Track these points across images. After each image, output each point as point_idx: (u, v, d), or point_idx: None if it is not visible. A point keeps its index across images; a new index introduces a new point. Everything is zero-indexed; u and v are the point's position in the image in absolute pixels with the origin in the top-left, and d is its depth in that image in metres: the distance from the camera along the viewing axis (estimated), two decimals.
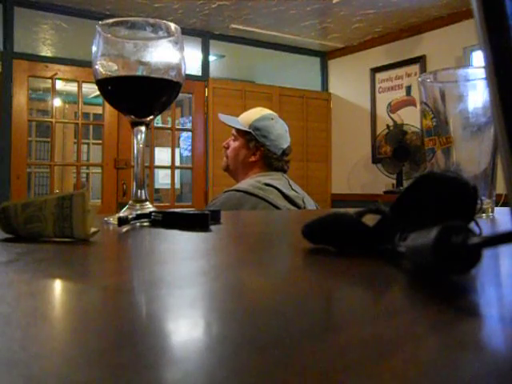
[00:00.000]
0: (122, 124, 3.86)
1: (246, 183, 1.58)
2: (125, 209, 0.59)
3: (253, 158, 1.66)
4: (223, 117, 1.78)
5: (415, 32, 4.17)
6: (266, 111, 1.72)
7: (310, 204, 1.63)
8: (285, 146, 1.67)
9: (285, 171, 1.69)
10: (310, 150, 4.68)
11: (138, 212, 0.57)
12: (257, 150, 1.65)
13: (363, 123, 4.55)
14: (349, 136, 4.66)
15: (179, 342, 0.16)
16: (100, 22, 0.60)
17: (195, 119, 4.24)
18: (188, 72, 0.70)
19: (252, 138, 1.65)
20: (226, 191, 1.57)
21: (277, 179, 1.61)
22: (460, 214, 0.28)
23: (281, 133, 1.68)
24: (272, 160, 1.66)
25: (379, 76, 4.47)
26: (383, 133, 4.26)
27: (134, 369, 0.13)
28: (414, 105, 4.15)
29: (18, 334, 0.16)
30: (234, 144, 1.71)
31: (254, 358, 0.14)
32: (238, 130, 1.70)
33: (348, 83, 4.74)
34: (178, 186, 5.45)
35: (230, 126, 1.73)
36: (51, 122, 3.76)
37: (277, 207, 1.48)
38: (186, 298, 0.21)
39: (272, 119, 1.68)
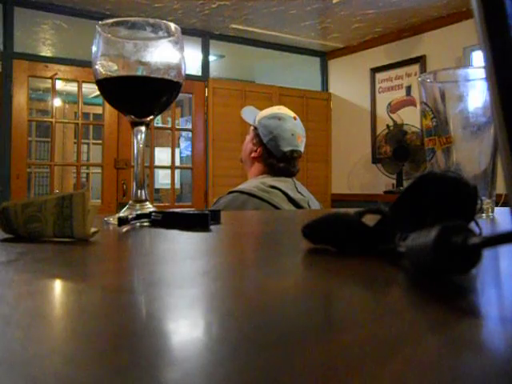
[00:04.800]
0: (122, 124, 3.86)
1: (251, 184, 1.56)
2: (125, 209, 0.59)
3: (254, 154, 1.66)
4: (244, 109, 1.77)
5: (415, 32, 4.17)
6: (282, 111, 1.67)
7: (316, 206, 1.60)
8: (286, 149, 1.60)
9: (290, 175, 1.64)
10: (310, 149, 4.66)
11: (138, 212, 0.57)
12: (258, 146, 1.64)
13: (363, 123, 4.55)
14: (349, 136, 4.66)
15: (179, 342, 0.16)
16: (100, 22, 0.60)
17: (195, 119, 4.23)
18: (188, 72, 0.70)
19: (257, 133, 1.64)
20: (230, 192, 1.54)
21: (283, 181, 1.59)
22: (460, 214, 0.28)
23: (284, 135, 1.61)
24: (270, 160, 1.62)
25: (379, 76, 4.47)
26: (383, 133, 4.26)
27: (134, 369, 0.13)
28: (414, 105, 4.15)
29: (18, 333, 0.16)
30: (247, 137, 1.72)
31: (254, 358, 0.14)
32: (251, 124, 1.70)
33: (348, 83, 4.73)
34: (177, 186, 5.45)
35: (244, 119, 1.73)
36: (51, 122, 3.76)
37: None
38: (186, 298, 0.21)
39: (279, 119, 1.63)
